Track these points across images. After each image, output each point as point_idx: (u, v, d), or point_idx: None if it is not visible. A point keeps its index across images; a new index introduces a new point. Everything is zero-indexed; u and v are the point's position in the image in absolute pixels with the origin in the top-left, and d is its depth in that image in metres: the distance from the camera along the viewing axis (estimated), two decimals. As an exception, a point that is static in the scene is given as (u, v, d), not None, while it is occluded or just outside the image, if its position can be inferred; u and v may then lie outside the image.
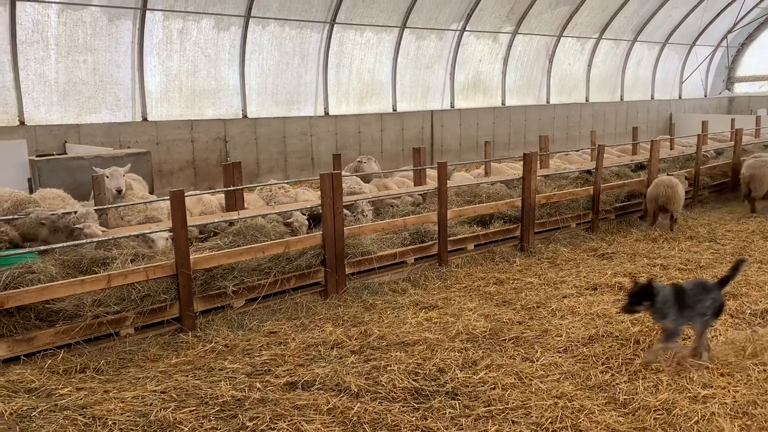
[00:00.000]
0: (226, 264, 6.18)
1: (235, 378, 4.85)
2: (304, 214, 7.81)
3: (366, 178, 10.52)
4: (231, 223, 7.24)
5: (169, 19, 13.54)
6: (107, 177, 7.67)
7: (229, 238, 6.83)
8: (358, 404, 4.33)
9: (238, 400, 4.46)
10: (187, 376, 4.88)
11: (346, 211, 7.95)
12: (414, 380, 4.71)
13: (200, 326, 5.84)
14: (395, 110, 17.80)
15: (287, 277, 6.47)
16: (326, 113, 16.38)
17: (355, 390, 4.56)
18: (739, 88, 29.50)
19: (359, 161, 11.66)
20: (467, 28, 18.47)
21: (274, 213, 7.39)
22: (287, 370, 4.97)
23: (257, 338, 5.64)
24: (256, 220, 7.24)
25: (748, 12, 26.01)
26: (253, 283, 6.26)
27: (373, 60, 17.14)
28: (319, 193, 7.06)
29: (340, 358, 5.15)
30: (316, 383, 4.69)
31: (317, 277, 6.69)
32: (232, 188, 8.02)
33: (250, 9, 14.27)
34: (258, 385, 4.70)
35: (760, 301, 6.20)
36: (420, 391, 4.56)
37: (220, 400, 4.44)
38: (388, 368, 4.89)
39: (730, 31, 26.80)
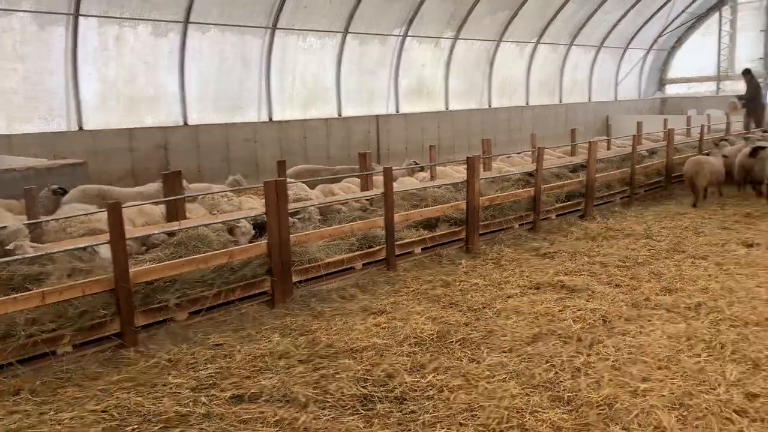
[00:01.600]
0: (168, 276, 6.03)
1: (179, 393, 4.74)
2: (251, 223, 7.70)
3: (312, 185, 10.46)
4: (172, 234, 7.07)
5: (104, 25, 13.16)
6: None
7: (170, 250, 6.67)
8: (306, 414, 4.29)
9: (183, 416, 4.36)
10: (128, 393, 4.73)
11: (292, 219, 7.89)
12: (363, 387, 4.70)
13: (142, 341, 5.68)
14: (340, 115, 17.79)
15: (232, 288, 6.36)
16: (270, 119, 16.22)
17: (303, 400, 4.52)
18: (671, 90, 30.73)
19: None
20: (409, 34, 18.64)
21: (217, 222, 7.26)
22: (233, 382, 4.88)
23: (202, 351, 5.52)
24: (199, 230, 7.10)
25: (677, 16, 27.19)
26: (197, 294, 6.13)
27: (317, 65, 17.10)
28: (264, 200, 6.97)
29: (288, 368, 5.10)
30: (263, 395, 4.63)
31: (263, 286, 6.60)
32: (172, 198, 7.84)
33: (188, 15, 14.02)
34: (203, 399, 4.60)
35: (694, 295, 6.46)
36: (369, 398, 4.56)
37: (163, 417, 4.33)
38: (337, 376, 4.87)
39: (660, 35, 27.93)
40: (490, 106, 22.11)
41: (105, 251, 6.38)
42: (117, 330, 5.61)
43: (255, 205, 8.78)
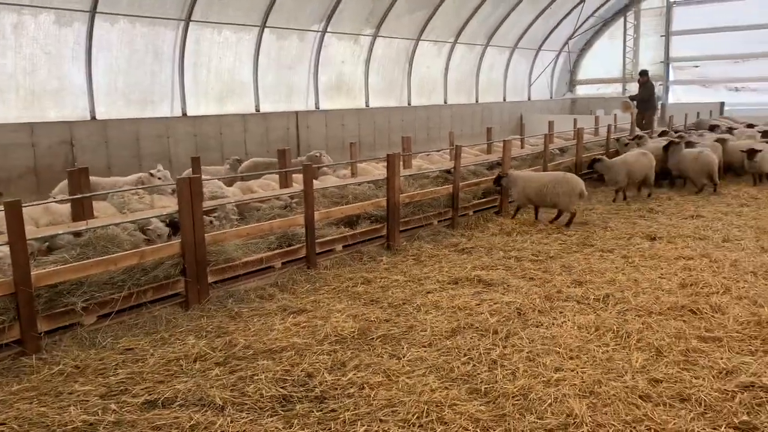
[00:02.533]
0: (74, 279, 5.72)
1: (87, 401, 4.49)
2: (164, 221, 7.42)
3: (229, 182, 10.20)
4: (79, 234, 6.71)
5: (0, 12, 12.30)
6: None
7: (76, 251, 6.33)
8: (223, 418, 4.17)
9: (91, 425, 4.14)
10: (31, 403, 4.45)
11: (208, 217, 7.66)
12: (282, 387, 4.62)
13: (46, 348, 5.36)
14: (258, 111, 17.44)
15: (144, 290, 6.10)
16: (184, 114, 15.69)
17: (220, 403, 4.40)
18: (580, 90, 32.12)
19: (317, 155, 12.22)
20: (328, 30, 18.52)
21: (127, 221, 6.94)
22: (145, 388, 4.68)
23: (112, 356, 5.26)
24: (108, 229, 6.77)
25: (586, 20, 28.43)
26: (106, 297, 5.84)
27: (233, 59, 16.68)
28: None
29: (204, 371, 4.94)
30: (178, 400, 4.46)
31: (177, 287, 6.37)
32: (79, 196, 7.42)
33: (95, 4, 13.31)
34: (113, 406, 4.39)
35: (602, 287, 6.76)
36: (288, 399, 4.49)
37: (69, 427, 4.10)
38: (255, 378, 4.76)
39: (570, 38, 29.12)
40: (409, 104, 22.33)
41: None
42: (17, 337, 5.27)
43: (168, 203, 8.46)
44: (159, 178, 9.72)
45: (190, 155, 11.81)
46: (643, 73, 19.99)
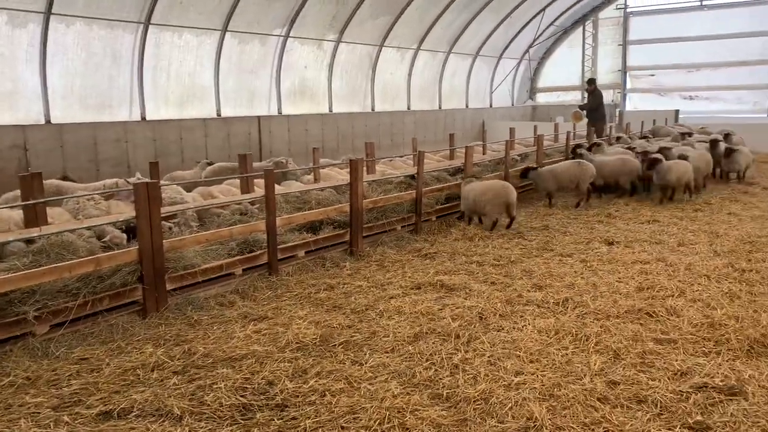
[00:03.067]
0: (26, 287, 5.54)
1: (39, 413, 4.36)
2: (120, 228, 7.25)
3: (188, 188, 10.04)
4: (31, 241, 6.50)
5: (-51, 11, 11.91)
6: None
7: (29, 258, 6.13)
8: (181, 428, 4.09)
9: (42, 438, 4.00)
10: (-23, 417, 4.28)
11: (166, 223, 7.52)
12: (242, 396, 4.56)
13: (-5, 359, 5.17)
14: (219, 115, 17.23)
15: (100, 298, 5.94)
16: (143, 118, 15.39)
17: (178, 413, 4.31)
18: (541, 98, 32.66)
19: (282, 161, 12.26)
20: (291, 34, 18.43)
21: (82, 227, 6.76)
22: (100, 398, 4.56)
23: (65, 367, 5.11)
24: (63, 236, 6.58)
25: (546, 29, 28.94)
26: (59, 306, 5.67)
27: (194, 63, 16.45)
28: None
29: (161, 380, 4.84)
30: (134, 410, 4.36)
31: (134, 295, 6.22)
32: (31, 202, 7.19)
33: (50, 5, 12.97)
34: (66, 418, 4.26)
35: (562, 291, 6.86)
36: (248, 407, 4.42)
37: (19, 442, 3.95)
38: (214, 386, 4.68)
39: (531, 46, 29.59)
40: (373, 110, 22.36)
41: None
42: (-37, 348, 5.07)
43: (125, 209, 8.27)
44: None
45: (149, 160, 11.61)
46: (591, 82, 19.81)
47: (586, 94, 19.54)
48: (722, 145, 14.75)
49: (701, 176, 13.22)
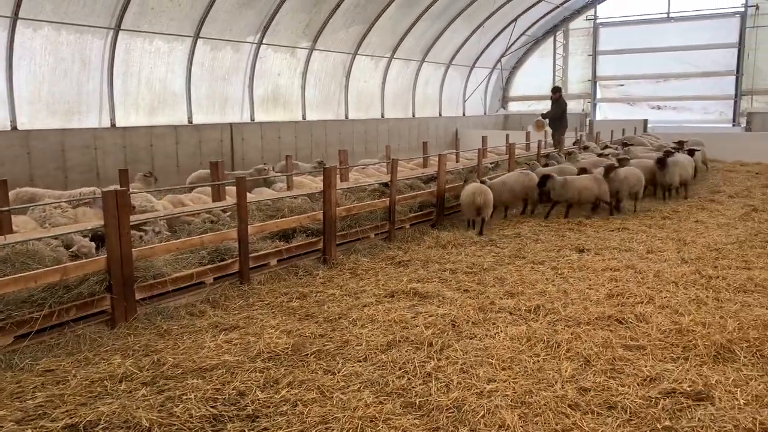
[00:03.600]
0: (-11, 297, 5.40)
1: (2, 427, 4.23)
2: (86, 236, 7.11)
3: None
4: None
5: None
6: None
7: (-8, 267, 5.98)
8: (149, 441, 4.01)
9: (4, 453, 3.89)
10: (-64, 433, 4.15)
11: (136, 232, 7.41)
12: (212, 407, 4.49)
13: (-45, 372, 5.02)
14: (191, 122, 17.06)
15: (66, 308, 5.82)
16: (113, 125, 15.17)
17: (147, 425, 4.22)
18: (512, 107, 33.03)
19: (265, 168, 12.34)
20: (264, 42, 18.36)
21: (48, 236, 6.62)
22: (66, 411, 4.45)
23: (30, 379, 4.98)
24: (29, 245, 6.44)
25: (518, 39, 29.30)
26: (24, 316, 5.54)
27: (165, 70, 16.27)
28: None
29: (130, 391, 4.74)
30: (102, 422, 4.26)
31: (102, 305, 6.11)
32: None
33: (17, 9, 12.73)
34: (30, 432, 4.15)
35: (534, 298, 6.91)
36: (218, 418, 4.36)
37: (-20, 457, 3.84)
38: (184, 397, 4.60)
39: (503, 55, 29.93)
40: (347, 118, 22.37)
41: None
42: None
43: (93, 218, 8.13)
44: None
45: (118, 167, 11.44)
46: (555, 90, 19.23)
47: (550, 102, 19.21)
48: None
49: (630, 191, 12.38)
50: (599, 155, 15.61)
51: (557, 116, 18.65)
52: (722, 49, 27.88)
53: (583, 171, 12.35)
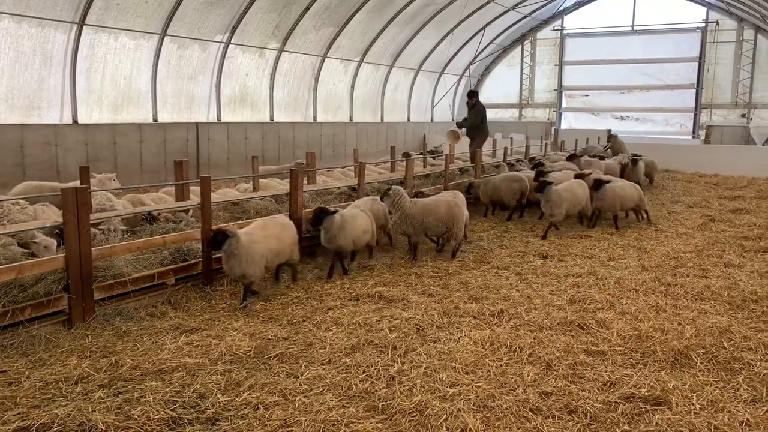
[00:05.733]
0: (-62, 295, 5.20)
1: (-51, 430, 4.08)
2: (53, 234, 6.92)
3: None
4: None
5: None
6: None
7: (-58, 265, 5.77)
8: (105, 444, 3.91)
9: (-50, 458, 3.75)
10: None
11: (94, 230, 7.23)
12: (171, 410, 4.40)
13: None
14: (156, 120, 16.79)
15: (21, 307, 5.64)
16: (75, 121, 14.83)
17: (103, 428, 4.12)
18: (480, 114, 33.32)
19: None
20: (233, 41, 18.19)
21: (3, 233, 6.42)
22: (18, 414, 4.31)
23: (-20, 380, 4.81)
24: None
25: (486, 47, 29.61)
26: (-24, 316, 5.36)
27: (130, 66, 15.98)
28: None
29: (86, 393, 4.62)
30: (55, 425, 4.14)
31: (60, 305, 5.94)
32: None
33: (-24, 0, 12.40)
34: (-21, 436, 4.00)
35: (497, 303, 6.95)
36: (177, 421, 4.27)
37: (-76, 462, 3.68)
38: (142, 400, 4.50)
39: (471, 63, 30.22)
40: (315, 120, 22.29)
41: None
42: None
43: (52, 215, 7.92)
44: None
45: (80, 164, 11.16)
46: (472, 94, 17.01)
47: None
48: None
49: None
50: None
51: (475, 124, 16.58)
52: (684, 63, 28.66)
53: (580, 177, 12.20)
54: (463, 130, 16.90)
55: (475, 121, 16.37)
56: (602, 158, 16.36)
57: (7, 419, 4.24)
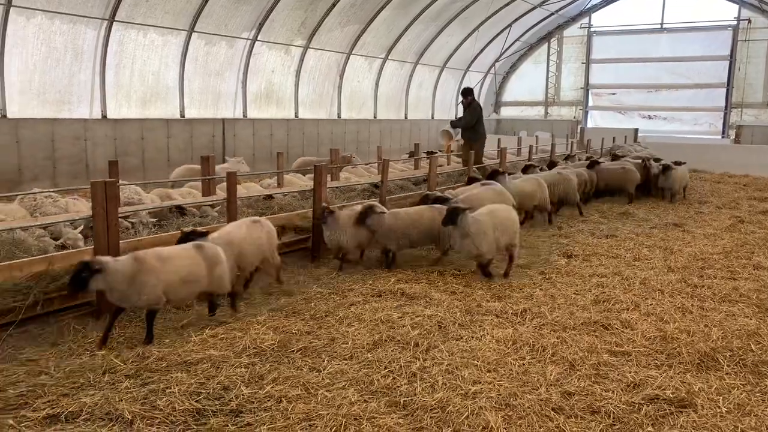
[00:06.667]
0: (-28, 285, 5.35)
1: (-19, 416, 4.19)
2: (76, 228, 7.06)
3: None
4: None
5: None
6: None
7: (-23, 255, 5.93)
8: (131, 433, 3.99)
9: (-17, 442, 3.85)
10: None
11: (125, 222, 7.37)
12: (196, 401, 4.46)
13: (-64, 359, 4.97)
14: (183, 116, 17.00)
15: (51, 298, 5.77)
16: (104, 116, 15.09)
17: (129, 417, 4.19)
18: (505, 112, 33.15)
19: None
20: (259, 38, 18.34)
21: (35, 225, 6.57)
22: (48, 401, 4.41)
23: (11, 369, 4.93)
24: (15, 233, 6.39)
25: (512, 44, 29.43)
26: (8, 305, 5.48)
27: (158, 63, 16.21)
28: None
29: (113, 383, 4.70)
30: (83, 413, 4.23)
31: (88, 296, 6.05)
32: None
33: (11, -3, 12.66)
34: (11, 421, 4.11)
35: (520, 302, 6.92)
36: (202, 412, 4.33)
37: (-42, 446, 3.80)
38: (168, 391, 4.57)
39: (497, 60, 30.06)
40: (339, 117, 22.37)
41: None
42: None
43: (82, 208, 8.08)
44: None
45: (108, 159, 11.36)
46: (467, 92, 14.82)
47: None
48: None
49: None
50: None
51: (470, 124, 14.54)
52: (714, 61, 28.15)
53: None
54: (458, 130, 15.21)
55: (470, 121, 14.50)
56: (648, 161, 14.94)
57: (37, 407, 4.34)
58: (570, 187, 12.15)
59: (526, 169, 12.60)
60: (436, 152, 15.61)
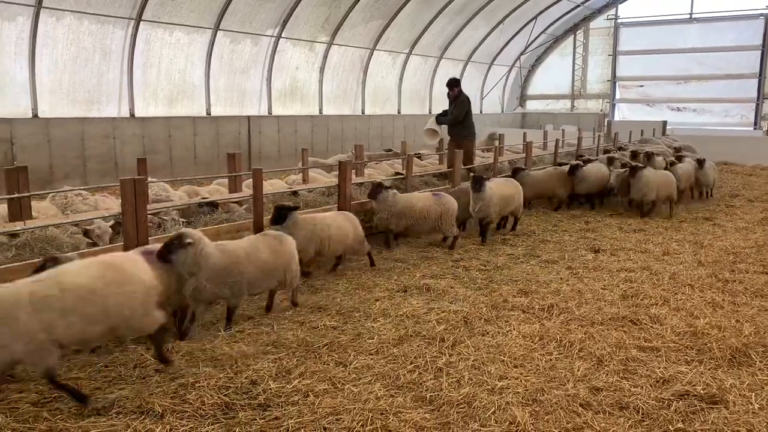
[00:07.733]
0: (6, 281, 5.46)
1: (18, 408, 4.30)
2: (107, 222, 7.19)
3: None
4: (15, 235, 6.44)
5: (-62, 2, 11.79)
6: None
7: (12, 252, 6.07)
8: (162, 425, 4.05)
9: (20, 434, 3.95)
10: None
11: (156, 219, 7.49)
12: (225, 395, 4.52)
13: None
14: (209, 114, 17.18)
15: (83, 293, 5.87)
16: (132, 115, 15.32)
17: (159, 411, 4.26)
18: (530, 106, 32.87)
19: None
20: (283, 35, 18.43)
21: (67, 222, 6.70)
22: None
23: (46, 363, 5.04)
24: (48, 231, 6.52)
25: (537, 37, 29.14)
26: (42, 301, 5.60)
27: (184, 61, 16.40)
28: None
29: (143, 378, 4.79)
30: (115, 407, 4.31)
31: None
32: (16, 195, 7.12)
33: (41, -2, 12.92)
34: (45, 414, 4.21)
35: (547, 297, 6.87)
36: (230, 406, 4.39)
37: (-4, 437, 3.90)
38: (197, 385, 4.64)
39: (522, 53, 29.78)
40: (363, 113, 22.39)
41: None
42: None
43: (111, 205, 8.22)
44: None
45: (137, 157, 11.54)
46: (454, 83, 13.22)
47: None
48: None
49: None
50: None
51: (459, 119, 12.89)
52: (745, 51, 27.54)
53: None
54: (444, 127, 13.34)
55: (458, 115, 12.84)
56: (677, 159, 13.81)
57: (70, 399, 4.44)
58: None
59: (515, 173, 11.96)
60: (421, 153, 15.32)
